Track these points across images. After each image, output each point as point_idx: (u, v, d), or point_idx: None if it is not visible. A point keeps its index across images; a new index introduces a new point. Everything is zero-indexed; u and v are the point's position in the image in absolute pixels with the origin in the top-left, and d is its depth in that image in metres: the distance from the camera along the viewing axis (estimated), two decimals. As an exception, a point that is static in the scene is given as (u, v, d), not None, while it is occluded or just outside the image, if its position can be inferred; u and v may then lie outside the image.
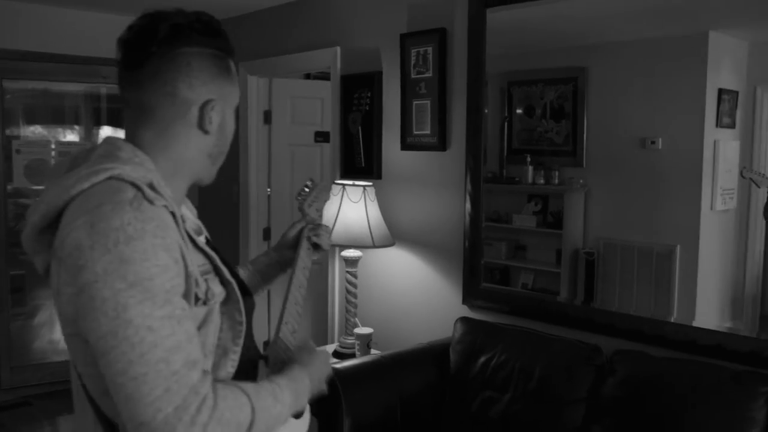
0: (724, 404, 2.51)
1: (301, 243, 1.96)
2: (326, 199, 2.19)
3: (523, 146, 3.58)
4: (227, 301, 1.48)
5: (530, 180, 3.53)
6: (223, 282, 1.48)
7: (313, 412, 3.09)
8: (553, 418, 2.90)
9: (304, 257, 1.92)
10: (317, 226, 2.04)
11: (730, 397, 2.52)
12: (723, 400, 2.53)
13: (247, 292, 1.63)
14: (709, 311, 2.99)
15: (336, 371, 3.00)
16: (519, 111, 3.60)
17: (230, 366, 1.47)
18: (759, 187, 2.80)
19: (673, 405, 2.61)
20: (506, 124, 3.65)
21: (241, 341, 1.49)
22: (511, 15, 3.48)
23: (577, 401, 2.88)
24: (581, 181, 3.34)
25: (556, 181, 3.43)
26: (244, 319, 1.50)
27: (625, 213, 3.22)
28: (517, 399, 3.02)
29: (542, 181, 3.48)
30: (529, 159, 3.53)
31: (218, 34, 1.53)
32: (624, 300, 3.19)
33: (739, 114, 2.85)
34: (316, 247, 2.01)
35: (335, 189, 3.84)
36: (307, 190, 2.13)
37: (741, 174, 2.82)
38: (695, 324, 2.88)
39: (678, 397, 2.61)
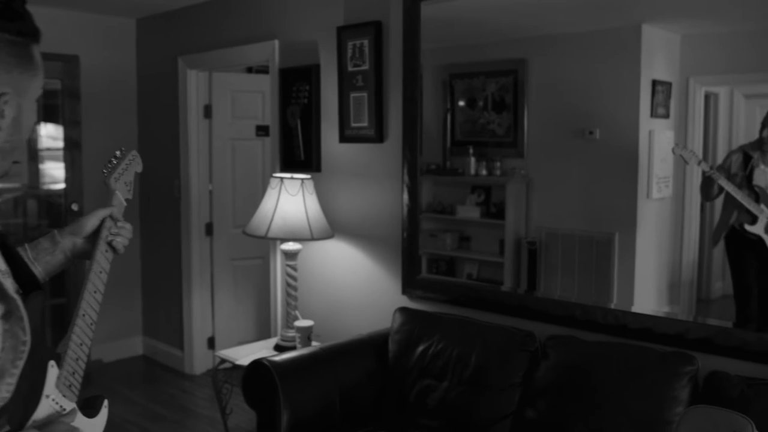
0: (651, 384, 2.60)
1: (99, 242, 1.69)
2: (137, 170, 1.89)
3: (466, 138, 3.62)
4: (9, 316, 1.28)
5: (473, 171, 3.57)
6: (5, 297, 1.28)
7: (250, 406, 3.10)
8: (488, 403, 2.96)
9: (101, 260, 1.67)
10: (119, 224, 1.75)
11: (656, 378, 2.61)
12: (650, 380, 2.62)
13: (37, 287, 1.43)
14: (647, 297, 3.08)
15: (273, 364, 3.01)
16: (461, 103, 3.64)
17: (4, 390, 1.27)
18: (687, 163, 2.89)
19: (602, 386, 2.69)
20: (449, 116, 3.69)
21: (22, 363, 1.29)
22: (451, 8, 3.51)
23: (511, 386, 2.95)
24: (523, 171, 3.40)
25: (499, 172, 3.48)
26: (28, 338, 1.30)
27: (565, 202, 3.29)
28: (454, 386, 3.07)
29: (485, 173, 3.53)
30: (471, 150, 3.57)
31: (19, 17, 1.33)
32: (566, 288, 3.26)
33: (673, 104, 2.93)
34: (111, 248, 1.72)
35: (273, 182, 3.83)
36: (114, 161, 1.83)
37: (672, 151, 2.90)
38: (634, 309, 2.96)
39: (607, 378, 2.70)
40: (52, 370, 1.40)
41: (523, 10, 3.35)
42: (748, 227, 2.80)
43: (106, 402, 1.57)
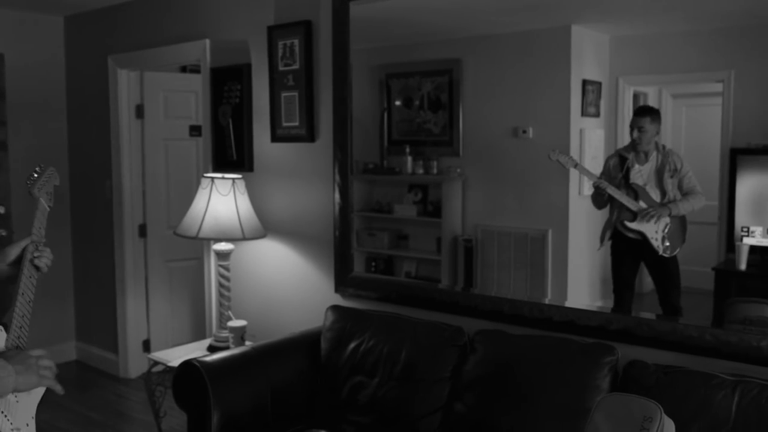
0: (573, 375, 2.68)
1: (24, 264, 1.98)
2: (56, 183, 2.24)
3: (403, 137, 3.65)
4: None
5: (410, 170, 3.60)
6: None
7: (180, 407, 3.10)
8: (418, 398, 3.00)
9: (26, 280, 1.94)
10: (41, 248, 2.04)
11: (579, 368, 2.68)
12: (572, 371, 2.69)
13: None
14: (580, 291, 3.16)
15: (203, 365, 3.00)
16: (398, 102, 3.66)
17: None
18: (566, 168, 3.00)
19: (527, 378, 2.76)
20: (386, 115, 3.71)
21: None
22: (383, 8, 3.53)
23: (441, 380, 3.00)
24: (458, 170, 3.44)
25: (435, 170, 3.52)
26: None
27: (500, 200, 3.35)
28: (385, 382, 3.11)
29: (422, 171, 3.56)
30: (408, 150, 3.60)
31: None
32: (502, 284, 3.32)
33: (603, 103, 3.02)
34: (36, 268, 2.01)
35: (204, 183, 3.81)
36: (35, 175, 2.17)
37: (549, 157, 3.00)
38: (567, 304, 3.03)
39: (532, 370, 2.77)
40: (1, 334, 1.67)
41: (456, 10, 3.39)
42: (628, 224, 2.93)
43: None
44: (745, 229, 2.69)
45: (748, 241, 2.69)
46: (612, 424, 2.07)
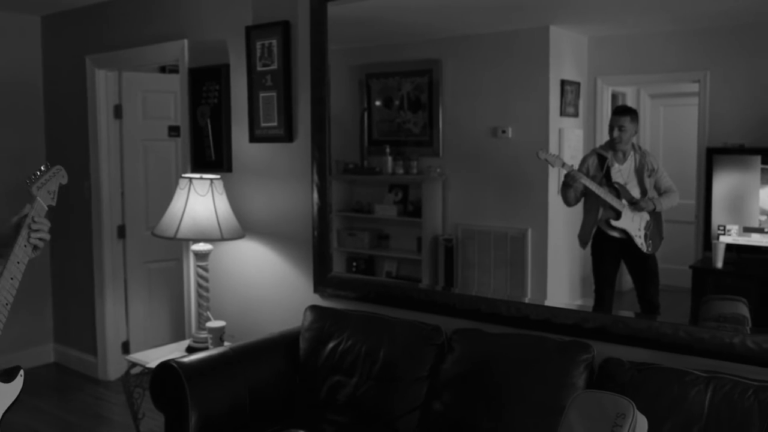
0: (550, 373, 2.70)
1: (19, 237, 2.00)
2: (62, 182, 2.27)
3: (383, 137, 3.66)
4: None
5: (390, 170, 3.61)
6: None
7: (158, 408, 3.09)
8: (397, 397, 3.01)
9: (19, 252, 1.98)
10: (38, 220, 2.07)
11: (555, 366, 2.71)
12: (548, 369, 2.71)
13: None
14: (560, 290, 3.18)
15: (180, 365, 2.99)
16: (378, 103, 3.67)
17: None
18: (553, 166, 3.02)
19: (504, 376, 2.77)
20: (366, 115, 3.71)
21: None
22: (362, 8, 3.53)
23: (419, 379, 3.01)
24: (438, 170, 3.45)
25: (415, 170, 3.53)
26: None
27: (480, 199, 3.36)
28: (364, 381, 3.12)
29: (402, 171, 3.57)
30: (388, 150, 3.61)
31: None
32: (483, 283, 3.33)
33: (581, 103, 3.04)
34: (34, 248, 2.06)
35: (182, 183, 3.79)
36: (38, 173, 2.19)
37: (537, 155, 3.02)
38: (547, 303, 3.05)
39: (509, 368, 2.79)
40: None
41: (436, 11, 3.40)
42: (614, 222, 2.96)
43: (22, 372, 1.94)
44: (721, 228, 2.72)
45: (725, 239, 2.72)
46: (586, 422, 2.09)
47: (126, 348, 5.43)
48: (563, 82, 3.05)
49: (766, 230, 2.63)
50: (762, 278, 2.69)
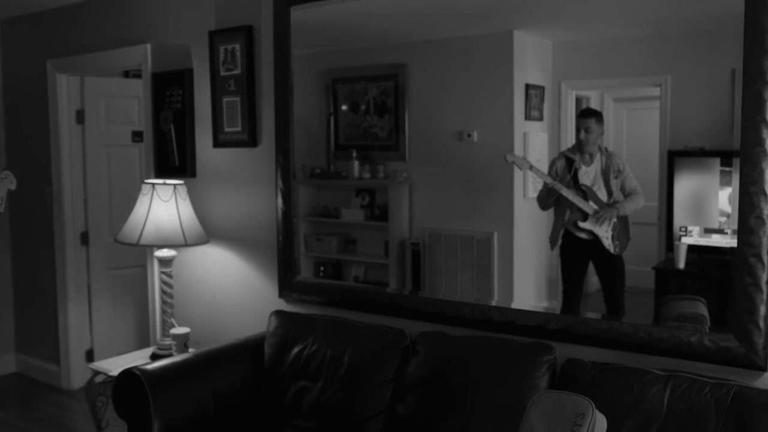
0: (513, 374, 2.72)
1: None
2: (10, 187, 2.24)
3: (350, 142, 3.66)
4: None
5: (357, 175, 3.61)
6: None
7: (120, 416, 3.06)
8: (362, 401, 3.01)
9: None
10: None
11: (518, 368, 2.72)
12: (511, 370, 2.73)
13: None
14: (527, 292, 3.20)
15: (143, 373, 2.96)
16: (344, 107, 3.67)
17: None
18: (521, 169, 3.05)
19: (468, 378, 2.79)
20: (332, 120, 3.71)
21: None
22: (325, 12, 3.53)
23: (384, 383, 3.01)
24: (405, 174, 3.46)
25: (382, 175, 3.53)
26: None
27: (446, 203, 3.38)
28: (329, 386, 3.11)
29: (368, 176, 3.58)
30: (355, 154, 3.61)
31: None
32: (450, 286, 3.35)
33: (546, 107, 3.07)
34: None
35: (145, 189, 3.76)
36: None
37: (505, 158, 3.05)
38: (513, 305, 3.06)
39: (472, 370, 2.80)
40: None
41: (400, 16, 3.42)
42: (581, 224, 3.00)
43: None
44: (683, 229, 2.77)
45: (686, 240, 2.76)
46: (546, 422, 2.10)
47: (90, 356, 5.35)
48: (528, 87, 3.08)
49: (725, 231, 2.68)
50: (721, 278, 2.74)
